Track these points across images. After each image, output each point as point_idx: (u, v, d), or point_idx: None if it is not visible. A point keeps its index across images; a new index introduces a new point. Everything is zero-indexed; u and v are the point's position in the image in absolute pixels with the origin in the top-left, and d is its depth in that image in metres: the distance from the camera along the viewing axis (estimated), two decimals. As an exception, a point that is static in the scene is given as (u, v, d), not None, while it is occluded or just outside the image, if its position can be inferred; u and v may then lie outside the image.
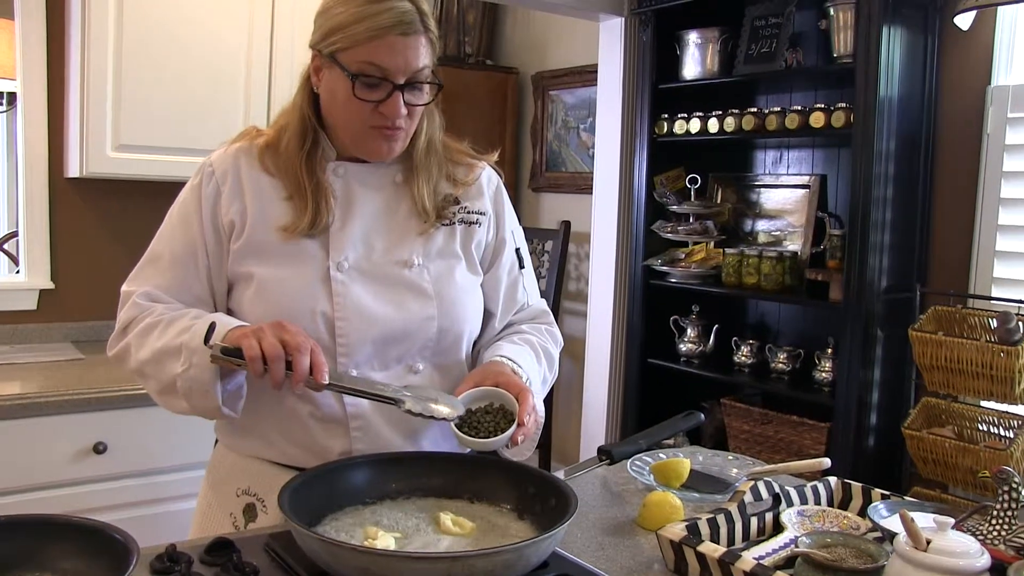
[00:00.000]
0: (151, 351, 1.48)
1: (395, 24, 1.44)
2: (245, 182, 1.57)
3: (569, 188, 5.12)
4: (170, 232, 1.60)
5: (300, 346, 1.35)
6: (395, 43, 1.45)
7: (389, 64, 1.46)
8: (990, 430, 2.89)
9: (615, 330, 4.18)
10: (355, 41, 1.45)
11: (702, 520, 1.42)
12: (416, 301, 1.57)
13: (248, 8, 2.94)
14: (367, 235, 1.58)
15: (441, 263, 1.62)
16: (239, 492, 1.61)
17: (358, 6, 1.45)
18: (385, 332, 1.55)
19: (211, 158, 1.61)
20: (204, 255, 1.57)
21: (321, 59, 1.52)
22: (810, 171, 3.69)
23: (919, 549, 1.19)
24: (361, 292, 1.54)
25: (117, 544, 1.12)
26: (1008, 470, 1.41)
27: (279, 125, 1.62)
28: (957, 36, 3.11)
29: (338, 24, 1.47)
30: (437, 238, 1.62)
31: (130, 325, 1.54)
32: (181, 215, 1.60)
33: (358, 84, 1.46)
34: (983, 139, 3.09)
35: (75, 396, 2.47)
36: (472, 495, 1.44)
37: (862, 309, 3.08)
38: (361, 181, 1.60)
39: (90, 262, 3.10)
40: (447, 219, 1.64)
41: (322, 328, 1.52)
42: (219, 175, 1.58)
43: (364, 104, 1.48)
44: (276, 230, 1.54)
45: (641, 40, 3.92)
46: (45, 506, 2.38)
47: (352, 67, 1.46)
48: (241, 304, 1.57)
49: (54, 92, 2.98)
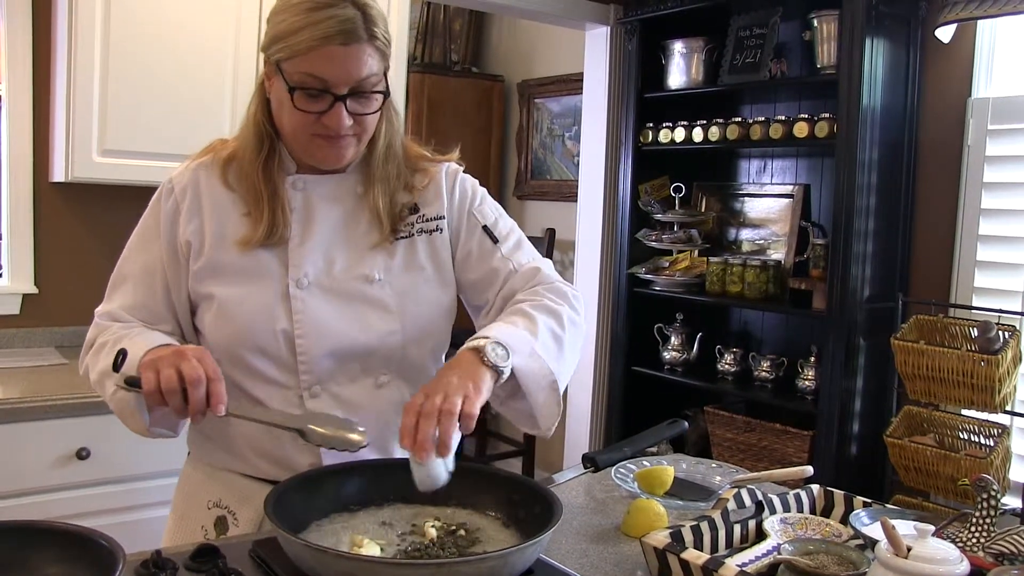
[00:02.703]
0: (97, 371, 1.48)
1: (336, 34, 1.39)
2: (204, 199, 1.54)
3: (554, 196, 5.13)
4: (131, 252, 1.59)
5: (195, 379, 1.30)
6: (335, 53, 1.40)
7: (329, 75, 1.41)
8: (971, 438, 2.91)
9: (599, 338, 4.19)
10: (295, 51, 1.40)
11: (686, 527, 1.42)
12: (378, 317, 1.53)
13: (235, 13, 2.94)
14: (327, 250, 1.54)
15: (405, 277, 1.57)
16: (210, 504, 1.60)
17: (299, 14, 1.40)
18: (346, 347, 1.52)
19: (172, 174, 1.57)
20: (162, 275, 1.54)
21: (268, 66, 1.48)
22: (794, 181, 3.71)
23: (900, 556, 1.20)
24: (321, 308, 1.51)
25: (103, 550, 1.12)
26: (987, 478, 1.42)
27: (241, 136, 1.57)
28: (938, 49, 3.15)
29: (281, 32, 1.42)
30: (398, 252, 1.57)
31: (94, 344, 1.54)
32: (141, 234, 1.59)
33: (297, 95, 1.42)
34: (964, 150, 3.12)
35: (58, 401, 2.45)
36: (457, 502, 1.45)
37: (845, 318, 3.10)
38: (321, 194, 1.56)
39: (74, 267, 3.09)
40: (405, 232, 1.58)
41: (283, 345, 1.50)
42: (178, 192, 1.55)
43: (307, 114, 1.44)
44: (233, 244, 1.51)
45: (627, 49, 3.94)
46: (28, 512, 2.36)
47: (293, 78, 1.42)
48: (204, 324, 1.54)
49: (40, 96, 2.97)
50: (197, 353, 1.34)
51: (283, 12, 1.43)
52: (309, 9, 1.39)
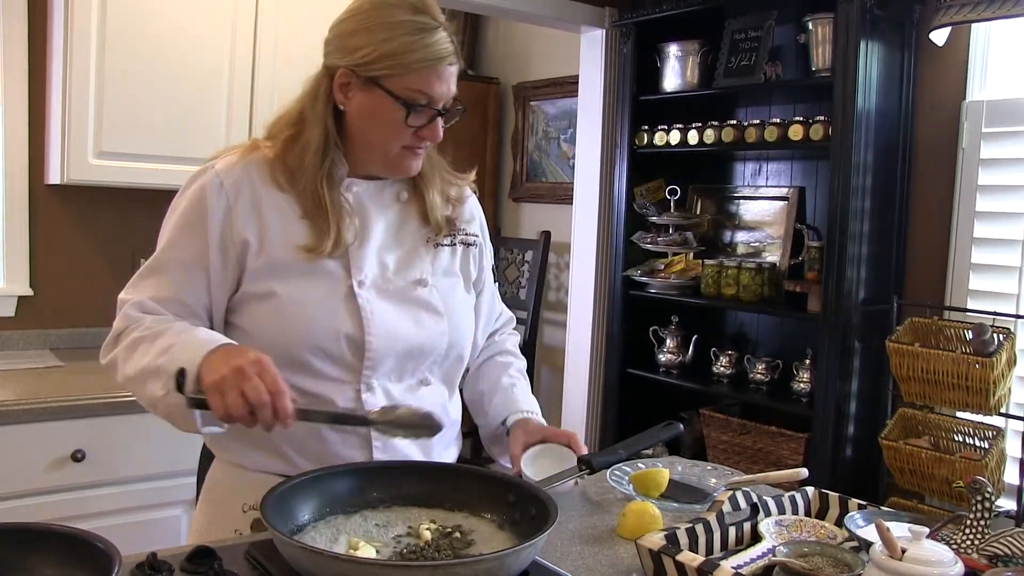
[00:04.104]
0: (136, 368, 1.47)
1: (447, 55, 1.51)
2: (262, 199, 1.55)
3: (549, 198, 5.14)
4: (171, 242, 1.56)
5: (261, 403, 1.32)
6: (444, 73, 1.51)
7: (436, 92, 1.51)
8: (966, 440, 2.92)
9: (595, 340, 4.20)
10: (409, 69, 1.48)
11: (681, 529, 1.43)
12: (430, 318, 1.62)
13: (231, 16, 2.94)
14: (380, 253, 1.60)
15: (446, 281, 1.67)
16: (245, 508, 1.59)
17: (408, 35, 1.48)
18: (407, 348, 1.59)
19: (217, 169, 1.56)
20: (205, 271, 1.54)
21: (354, 79, 1.53)
22: (789, 183, 3.72)
23: (894, 558, 1.20)
24: (385, 309, 1.57)
25: (99, 552, 1.12)
26: (981, 480, 1.42)
27: (286, 137, 1.59)
28: (933, 51, 3.15)
29: (390, 51, 1.48)
30: (442, 257, 1.67)
31: (121, 335, 1.52)
32: (184, 226, 1.56)
33: (411, 111, 1.51)
34: (959, 153, 3.13)
35: (53, 404, 2.45)
36: (453, 504, 1.45)
37: (840, 320, 3.10)
38: (371, 199, 1.62)
39: (70, 269, 3.08)
40: (447, 240, 1.69)
41: (344, 344, 1.54)
42: (230, 189, 1.54)
43: (407, 129, 1.52)
44: (296, 249, 1.53)
45: (622, 52, 3.94)
46: (23, 514, 2.36)
47: (404, 94, 1.50)
48: (258, 320, 1.55)
49: (35, 98, 2.96)
50: (257, 367, 1.34)
51: (383, 31, 1.49)
52: (418, 30, 1.48)
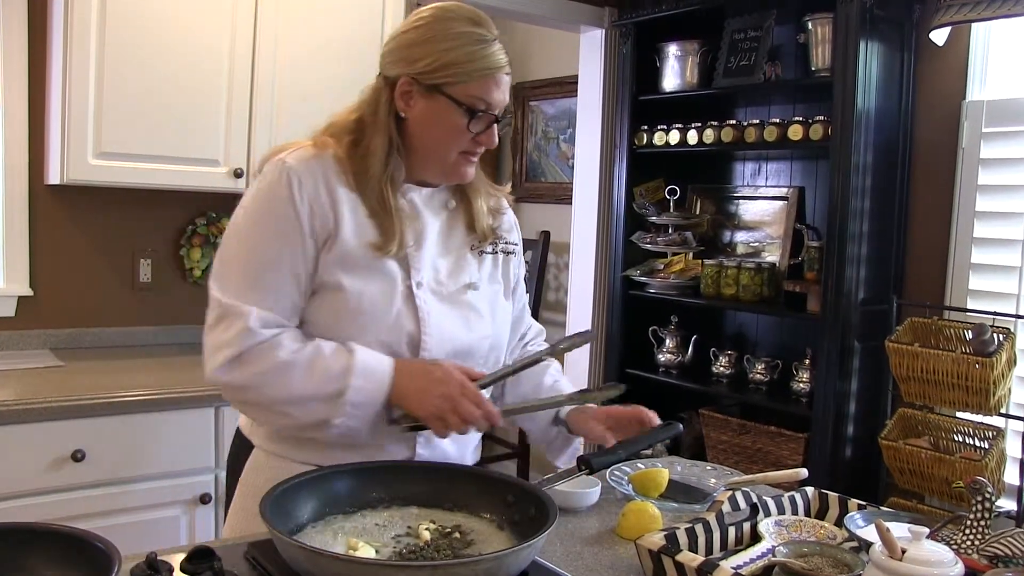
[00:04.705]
0: (293, 394, 1.50)
1: (503, 65, 1.59)
2: (338, 193, 1.58)
3: (549, 198, 5.14)
4: (265, 243, 1.56)
5: (475, 419, 1.50)
6: (501, 81, 1.60)
7: (495, 99, 1.59)
8: (965, 441, 2.92)
9: (594, 340, 4.19)
10: (472, 78, 1.56)
11: (680, 530, 1.43)
12: (477, 320, 1.69)
13: (231, 17, 2.94)
14: (433, 257, 1.67)
15: (489, 288, 1.74)
16: None
17: (469, 45, 1.56)
18: (456, 349, 1.64)
19: (290, 164, 1.58)
20: (303, 265, 1.57)
21: (416, 87, 1.59)
22: (788, 183, 3.72)
23: (894, 558, 1.20)
24: (439, 310, 1.63)
25: (99, 552, 1.12)
26: (981, 480, 1.42)
27: (348, 141, 1.63)
28: (933, 51, 3.15)
29: (452, 60, 1.55)
30: (486, 263, 1.75)
31: (247, 355, 1.51)
32: (273, 224, 1.56)
33: (474, 117, 1.58)
34: (959, 153, 3.13)
35: (53, 404, 2.45)
36: (452, 504, 1.45)
37: (839, 320, 3.10)
38: (425, 204, 1.68)
39: (69, 269, 3.08)
40: (490, 248, 1.76)
41: (404, 341, 1.59)
42: (308, 184, 1.57)
43: (466, 134, 1.59)
44: (364, 246, 1.58)
45: (621, 52, 3.94)
46: (23, 514, 2.35)
47: (465, 101, 1.57)
48: (322, 310, 1.58)
49: (35, 99, 2.96)
50: (460, 389, 1.51)
51: (445, 41, 1.57)
52: (477, 41, 1.57)
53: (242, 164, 3.00)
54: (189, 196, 3.23)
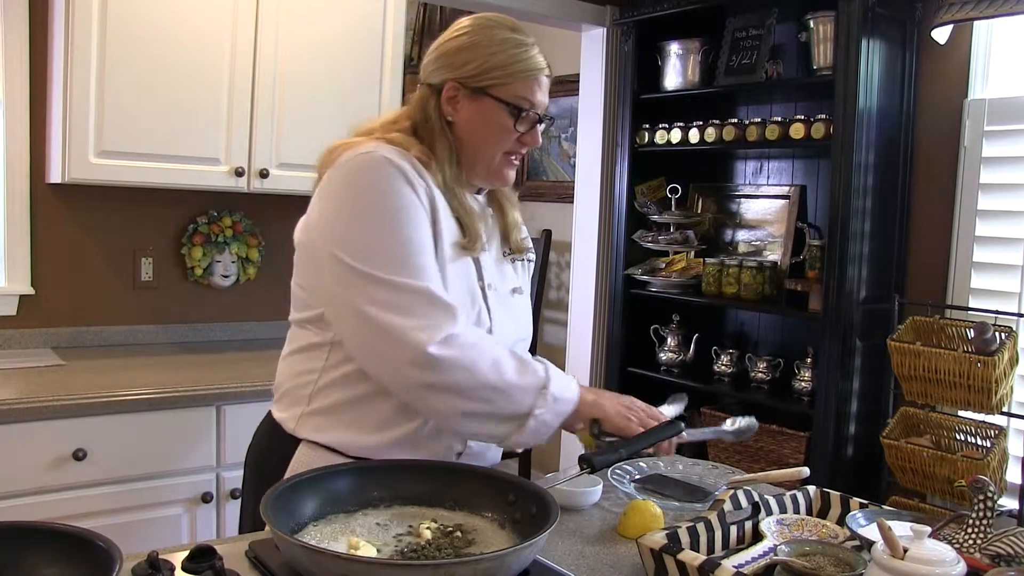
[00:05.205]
0: (504, 379, 1.52)
1: (544, 67, 1.67)
2: (433, 190, 1.61)
3: (550, 197, 5.13)
4: (420, 239, 1.56)
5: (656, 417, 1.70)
6: (543, 82, 1.68)
7: (538, 100, 1.67)
8: (967, 439, 2.92)
9: (595, 339, 4.19)
10: (516, 79, 1.64)
11: (682, 528, 1.43)
12: (525, 323, 1.81)
13: (232, 15, 2.94)
14: (492, 261, 1.74)
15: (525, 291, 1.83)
16: None
17: (512, 48, 1.64)
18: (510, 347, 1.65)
19: (387, 157, 1.56)
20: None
21: (462, 91, 1.64)
22: (790, 182, 3.71)
23: (896, 557, 1.20)
24: (499, 310, 1.71)
25: (100, 551, 1.12)
26: (983, 479, 1.42)
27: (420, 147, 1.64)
28: (934, 50, 3.15)
29: (498, 63, 1.63)
30: (518, 269, 1.83)
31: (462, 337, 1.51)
32: (406, 215, 1.55)
33: (521, 117, 1.65)
34: (960, 151, 3.12)
35: (55, 402, 2.45)
36: (453, 503, 1.45)
37: (841, 319, 3.10)
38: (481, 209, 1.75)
39: (71, 268, 3.08)
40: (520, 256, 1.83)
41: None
42: (413, 177, 1.58)
43: (512, 134, 1.66)
44: (451, 244, 1.62)
45: (623, 51, 3.94)
46: (24, 513, 2.36)
47: (512, 101, 1.64)
48: None
49: (36, 98, 2.96)
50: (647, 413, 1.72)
51: (489, 46, 1.64)
52: (518, 45, 1.65)
53: (243, 163, 2.99)
54: (190, 195, 3.23)
